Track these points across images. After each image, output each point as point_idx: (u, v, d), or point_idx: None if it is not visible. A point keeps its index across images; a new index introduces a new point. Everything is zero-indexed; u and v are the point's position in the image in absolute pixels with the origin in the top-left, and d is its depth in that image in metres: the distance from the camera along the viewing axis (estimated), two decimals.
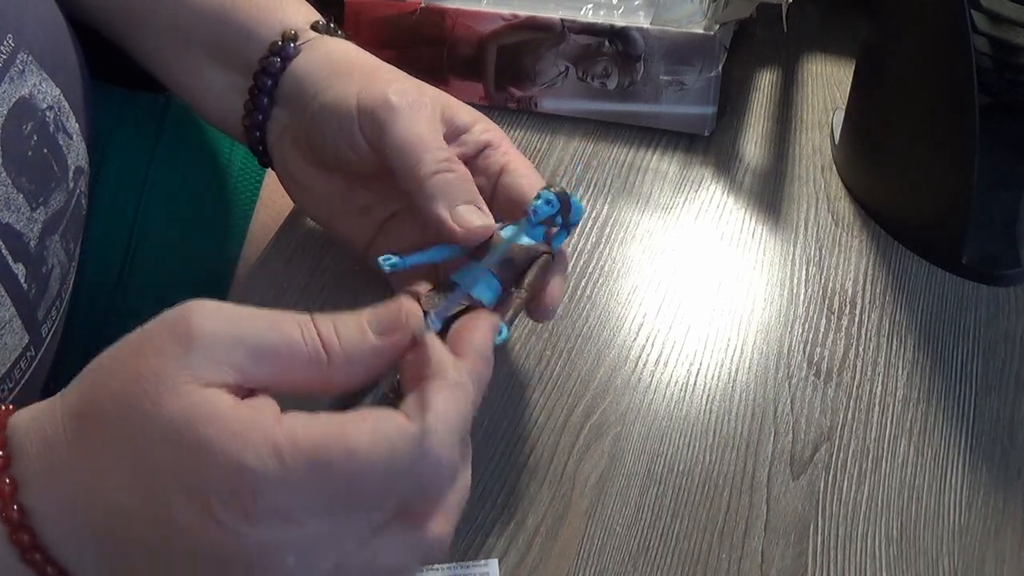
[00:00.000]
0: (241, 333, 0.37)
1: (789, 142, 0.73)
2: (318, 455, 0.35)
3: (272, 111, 0.59)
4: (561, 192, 0.49)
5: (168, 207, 0.73)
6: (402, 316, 0.40)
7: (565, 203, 0.49)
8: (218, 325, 0.37)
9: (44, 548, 0.37)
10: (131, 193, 0.72)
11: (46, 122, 0.56)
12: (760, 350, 0.60)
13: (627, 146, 0.72)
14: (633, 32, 0.70)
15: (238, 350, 0.37)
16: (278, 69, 0.58)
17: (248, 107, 0.59)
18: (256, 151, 0.61)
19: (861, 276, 0.64)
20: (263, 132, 0.59)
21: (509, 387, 0.57)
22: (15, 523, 0.37)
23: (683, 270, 0.64)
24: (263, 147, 0.60)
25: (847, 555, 0.51)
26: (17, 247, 0.53)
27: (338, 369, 0.39)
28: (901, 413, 0.57)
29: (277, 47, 0.58)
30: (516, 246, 0.50)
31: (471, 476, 0.41)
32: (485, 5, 0.72)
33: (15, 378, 0.55)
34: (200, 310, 0.37)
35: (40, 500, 0.38)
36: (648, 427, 0.56)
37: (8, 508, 0.37)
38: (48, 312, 0.58)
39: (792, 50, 0.80)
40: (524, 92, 0.73)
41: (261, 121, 0.59)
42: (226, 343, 0.37)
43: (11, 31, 0.53)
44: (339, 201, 0.58)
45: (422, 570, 0.50)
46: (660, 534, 0.52)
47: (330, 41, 0.59)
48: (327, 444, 0.35)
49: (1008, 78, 0.65)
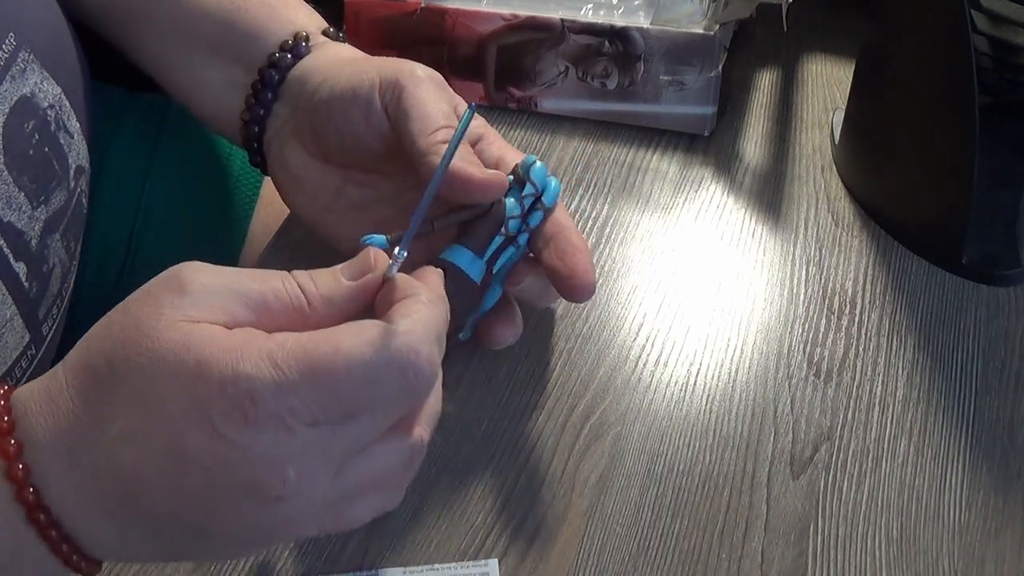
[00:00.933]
0: (230, 284, 0.40)
1: (789, 142, 0.73)
2: (308, 356, 0.37)
3: (274, 106, 0.59)
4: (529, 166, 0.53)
5: (168, 207, 0.73)
6: (370, 259, 0.43)
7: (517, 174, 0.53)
8: (208, 278, 0.40)
9: (49, 509, 0.38)
10: (131, 192, 0.72)
11: (47, 121, 0.56)
12: (760, 350, 0.60)
13: (627, 146, 0.72)
14: (633, 32, 0.70)
15: (227, 297, 0.40)
16: (288, 64, 0.58)
17: (249, 102, 0.59)
18: (250, 148, 0.61)
19: (861, 276, 0.64)
20: (262, 127, 0.60)
21: (509, 387, 0.57)
22: (20, 481, 0.38)
23: (683, 270, 0.64)
24: (258, 144, 0.60)
25: (847, 555, 0.51)
26: (18, 246, 0.53)
27: (318, 313, 0.41)
28: (901, 413, 0.57)
29: (289, 45, 0.59)
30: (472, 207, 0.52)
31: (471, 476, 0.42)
32: (485, 5, 0.72)
33: (16, 376, 0.55)
34: (192, 267, 0.40)
35: (46, 458, 0.39)
36: (648, 427, 0.56)
37: (13, 467, 0.38)
38: (49, 311, 0.58)
39: (792, 50, 0.81)
40: (524, 92, 0.73)
41: (262, 116, 0.59)
42: (217, 291, 0.40)
43: (12, 30, 0.53)
44: (332, 195, 0.58)
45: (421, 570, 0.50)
46: (660, 534, 0.52)
47: (339, 45, 0.60)
48: (316, 346, 0.37)
49: (1008, 78, 0.65)
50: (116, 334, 0.39)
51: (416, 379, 0.39)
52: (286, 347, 0.37)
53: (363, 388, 0.38)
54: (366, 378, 0.38)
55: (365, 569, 0.50)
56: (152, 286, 0.40)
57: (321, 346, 0.38)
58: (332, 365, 0.37)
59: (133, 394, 0.38)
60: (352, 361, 0.37)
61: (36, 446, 0.39)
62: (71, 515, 0.39)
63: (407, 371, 0.38)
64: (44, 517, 0.38)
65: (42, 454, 0.39)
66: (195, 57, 0.62)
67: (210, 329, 0.38)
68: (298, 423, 0.37)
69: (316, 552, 0.50)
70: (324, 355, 0.37)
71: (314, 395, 0.37)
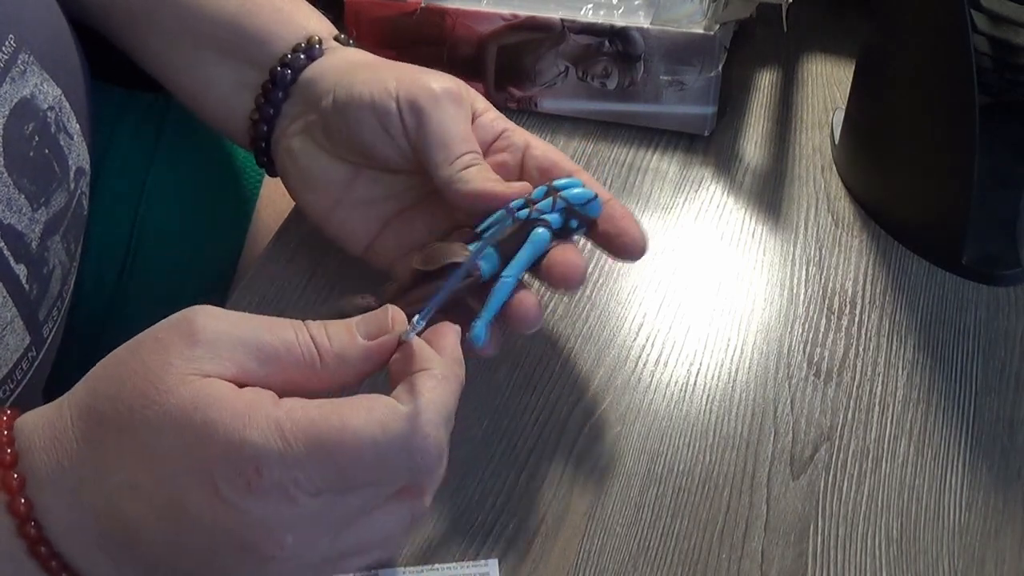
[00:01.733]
0: (241, 334, 0.40)
1: (789, 142, 0.73)
2: (316, 430, 0.37)
3: (283, 106, 0.59)
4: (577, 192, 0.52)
5: (168, 207, 0.73)
6: (387, 320, 0.42)
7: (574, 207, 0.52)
8: (220, 326, 0.39)
9: (50, 542, 0.39)
10: (131, 193, 0.72)
11: (47, 123, 0.56)
12: (760, 350, 0.60)
13: (627, 146, 0.72)
14: (633, 32, 0.70)
15: (239, 349, 0.39)
16: (302, 64, 0.58)
17: (259, 101, 0.59)
18: (257, 148, 0.61)
19: (861, 276, 0.64)
20: (271, 126, 0.60)
21: (509, 387, 0.57)
22: (23, 516, 0.38)
23: (683, 270, 0.64)
24: (266, 143, 0.60)
25: (847, 555, 0.51)
26: (19, 247, 0.53)
27: (329, 369, 0.41)
28: (901, 413, 0.57)
29: (302, 47, 0.59)
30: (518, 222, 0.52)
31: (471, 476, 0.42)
32: (485, 5, 0.72)
33: (17, 379, 0.55)
34: (204, 312, 0.40)
35: (47, 494, 0.39)
36: (648, 427, 0.56)
37: (16, 502, 0.38)
38: (49, 312, 0.58)
39: (792, 50, 0.81)
40: (524, 92, 0.73)
41: (272, 115, 0.59)
42: (228, 342, 0.39)
43: (12, 32, 0.53)
44: (341, 189, 0.58)
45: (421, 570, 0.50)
46: (660, 534, 0.52)
47: (351, 50, 0.60)
48: (325, 420, 0.37)
49: (1008, 78, 0.65)
50: (124, 379, 0.39)
51: (423, 461, 0.39)
52: (294, 418, 0.37)
53: (369, 467, 0.38)
54: (373, 458, 0.38)
55: (365, 569, 0.50)
56: (163, 332, 0.40)
57: (330, 419, 0.37)
58: (339, 442, 0.37)
59: (138, 447, 0.38)
60: (360, 440, 0.37)
61: (39, 482, 0.39)
62: (70, 549, 0.39)
63: (414, 455, 0.39)
64: (45, 550, 0.39)
65: (44, 491, 0.39)
66: (201, 58, 0.62)
67: (219, 387, 0.38)
68: (301, 494, 0.37)
69: None
70: (332, 430, 0.37)
71: (319, 469, 0.37)
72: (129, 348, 0.40)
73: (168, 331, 0.39)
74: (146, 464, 0.38)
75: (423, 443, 0.38)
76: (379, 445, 0.38)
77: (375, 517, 0.41)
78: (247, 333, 0.40)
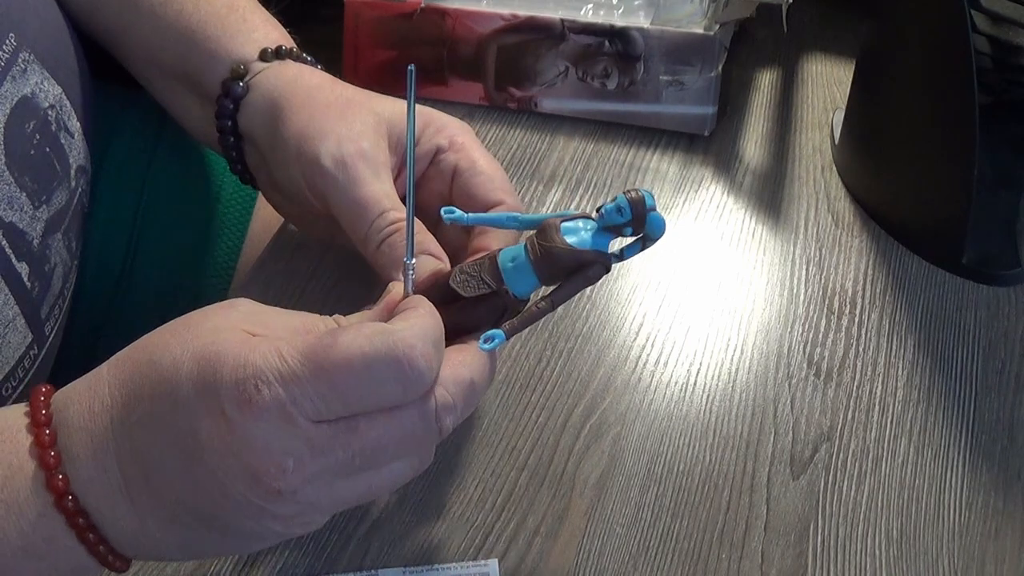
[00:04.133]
0: (278, 311, 0.43)
1: (789, 142, 0.73)
2: (311, 349, 0.40)
3: (240, 127, 0.58)
4: (637, 199, 0.43)
5: (168, 206, 0.73)
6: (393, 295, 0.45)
7: (639, 212, 0.43)
8: (257, 305, 0.43)
9: (76, 495, 0.40)
10: (132, 192, 0.72)
11: (48, 121, 0.56)
12: (760, 350, 0.60)
13: (627, 146, 0.72)
14: (633, 32, 0.70)
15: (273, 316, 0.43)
16: (231, 111, 0.58)
17: (219, 124, 0.59)
18: (230, 158, 0.60)
19: (861, 276, 0.64)
20: (239, 140, 0.59)
21: (509, 387, 0.58)
22: (52, 467, 0.40)
23: (683, 270, 0.64)
24: (237, 152, 0.60)
25: (847, 555, 0.51)
26: (20, 245, 0.53)
27: None
28: (901, 413, 0.57)
29: (227, 87, 0.58)
30: (566, 248, 0.44)
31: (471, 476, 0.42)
32: (485, 5, 0.72)
33: (19, 376, 0.55)
34: (246, 300, 0.44)
35: (76, 443, 0.41)
36: (648, 427, 0.56)
37: (46, 454, 0.40)
38: (51, 310, 0.58)
39: (792, 50, 0.81)
40: (524, 92, 0.73)
41: (233, 131, 0.59)
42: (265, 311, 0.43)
43: (13, 30, 0.53)
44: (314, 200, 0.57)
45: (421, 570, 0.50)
46: (660, 534, 0.52)
47: (271, 76, 0.58)
48: (319, 340, 0.40)
49: (1008, 78, 0.65)
50: (163, 329, 0.42)
51: (412, 372, 0.40)
52: (293, 343, 0.40)
53: (360, 380, 0.39)
54: (363, 369, 0.39)
55: (365, 569, 0.50)
56: (196, 313, 0.43)
57: (324, 339, 0.40)
58: (331, 356, 0.39)
59: (158, 378, 0.40)
60: (350, 352, 0.39)
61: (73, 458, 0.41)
62: (96, 500, 0.41)
63: (402, 364, 0.40)
64: (83, 520, 0.41)
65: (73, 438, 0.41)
66: (168, 85, 0.63)
67: (239, 331, 0.41)
68: (299, 414, 0.39)
69: (316, 552, 0.50)
70: (324, 347, 0.39)
71: (314, 385, 0.39)
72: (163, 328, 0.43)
73: (204, 310, 0.43)
74: (164, 393, 0.40)
75: (410, 352, 0.40)
76: (367, 356, 0.39)
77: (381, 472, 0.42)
78: (282, 312, 0.43)
